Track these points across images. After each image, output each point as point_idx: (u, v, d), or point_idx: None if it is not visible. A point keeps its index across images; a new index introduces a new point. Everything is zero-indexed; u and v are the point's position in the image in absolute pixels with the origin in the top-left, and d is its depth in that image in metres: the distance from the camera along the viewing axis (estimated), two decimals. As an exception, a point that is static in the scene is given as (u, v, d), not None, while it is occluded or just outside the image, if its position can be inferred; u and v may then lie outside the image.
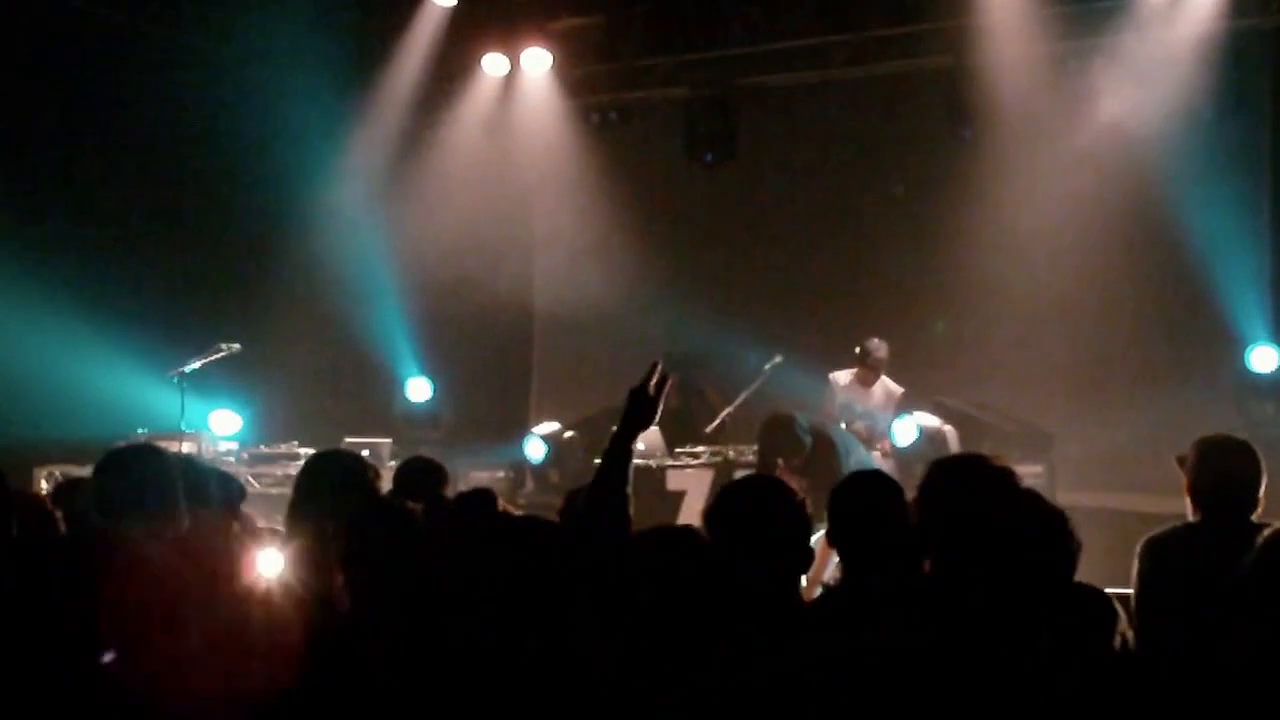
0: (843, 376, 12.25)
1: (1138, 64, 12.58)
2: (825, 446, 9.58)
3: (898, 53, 13.87)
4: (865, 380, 12.21)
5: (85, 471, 8.89)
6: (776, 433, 9.53)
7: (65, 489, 5.99)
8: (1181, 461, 5.41)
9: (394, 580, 4.30)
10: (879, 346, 12.13)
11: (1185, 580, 4.91)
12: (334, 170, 14.79)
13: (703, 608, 3.88)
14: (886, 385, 12.22)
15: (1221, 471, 5.29)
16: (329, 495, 5.04)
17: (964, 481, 4.41)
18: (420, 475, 6.10)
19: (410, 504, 4.73)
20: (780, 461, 9.36)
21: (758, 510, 4.33)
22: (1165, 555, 5.19)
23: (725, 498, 4.52)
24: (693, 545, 4.10)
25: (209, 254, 13.97)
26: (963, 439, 11.83)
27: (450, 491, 6.08)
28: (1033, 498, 4.20)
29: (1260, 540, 4.02)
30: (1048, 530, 4.00)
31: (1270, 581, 3.89)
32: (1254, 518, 5.15)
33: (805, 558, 4.36)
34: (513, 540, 4.21)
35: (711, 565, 4.00)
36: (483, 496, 5.62)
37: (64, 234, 12.96)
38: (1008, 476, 4.41)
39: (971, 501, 4.23)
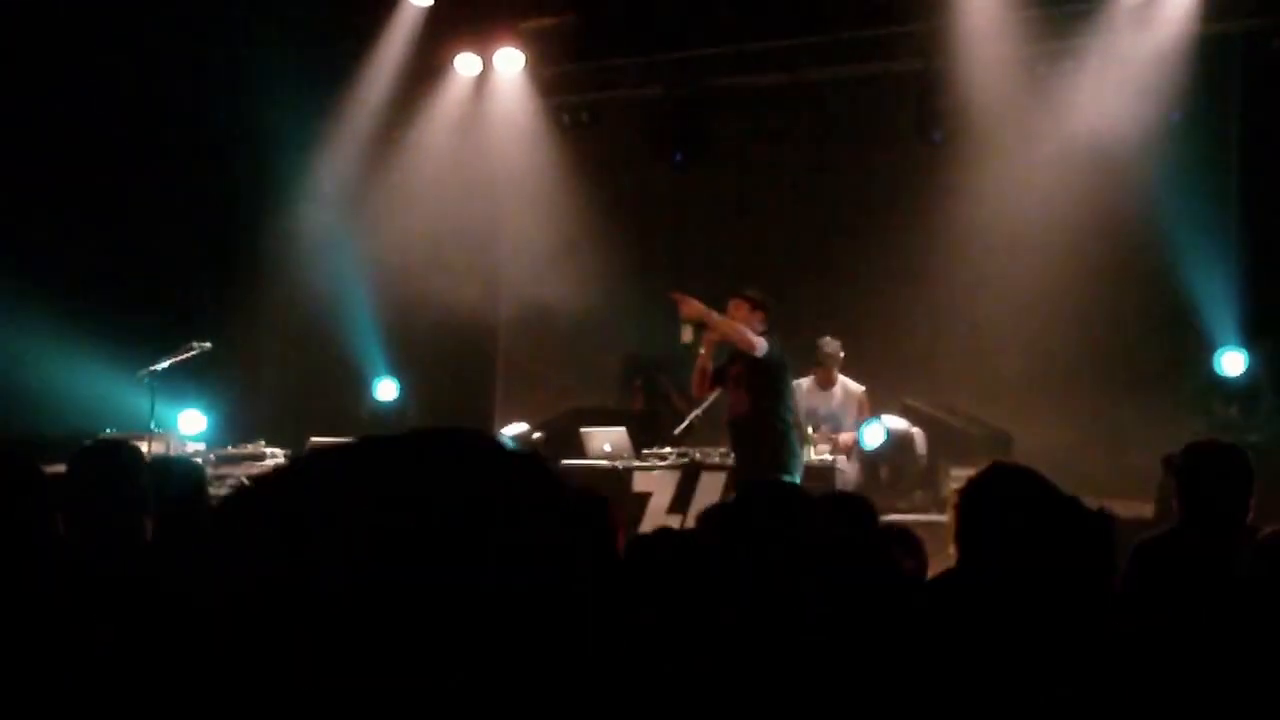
0: (804, 383, 12.25)
1: (1108, 68, 12.61)
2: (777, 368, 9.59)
3: (869, 55, 13.85)
4: (824, 382, 12.27)
5: (53, 470, 8.89)
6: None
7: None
8: (1168, 462, 5.41)
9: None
10: (828, 342, 12.19)
11: (1177, 584, 4.91)
12: (306, 170, 14.78)
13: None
14: (846, 385, 12.28)
15: (1216, 477, 5.30)
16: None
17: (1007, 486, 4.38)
18: None
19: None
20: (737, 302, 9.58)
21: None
22: (1155, 560, 5.18)
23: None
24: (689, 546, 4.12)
25: (179, 252, 13.92)
26: (928, 441, 11.87)
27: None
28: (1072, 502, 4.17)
29: (1259, 542, 4.03)
30: (1084, 533, 3.99)
31: (1271, 583, 3.90)
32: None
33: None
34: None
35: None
36: None
37: (32, 233, 12.92)
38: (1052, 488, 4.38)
39: (1011, 503, 4.21)
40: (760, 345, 9.45)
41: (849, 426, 12.09)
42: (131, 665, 3.73)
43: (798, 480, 9.42)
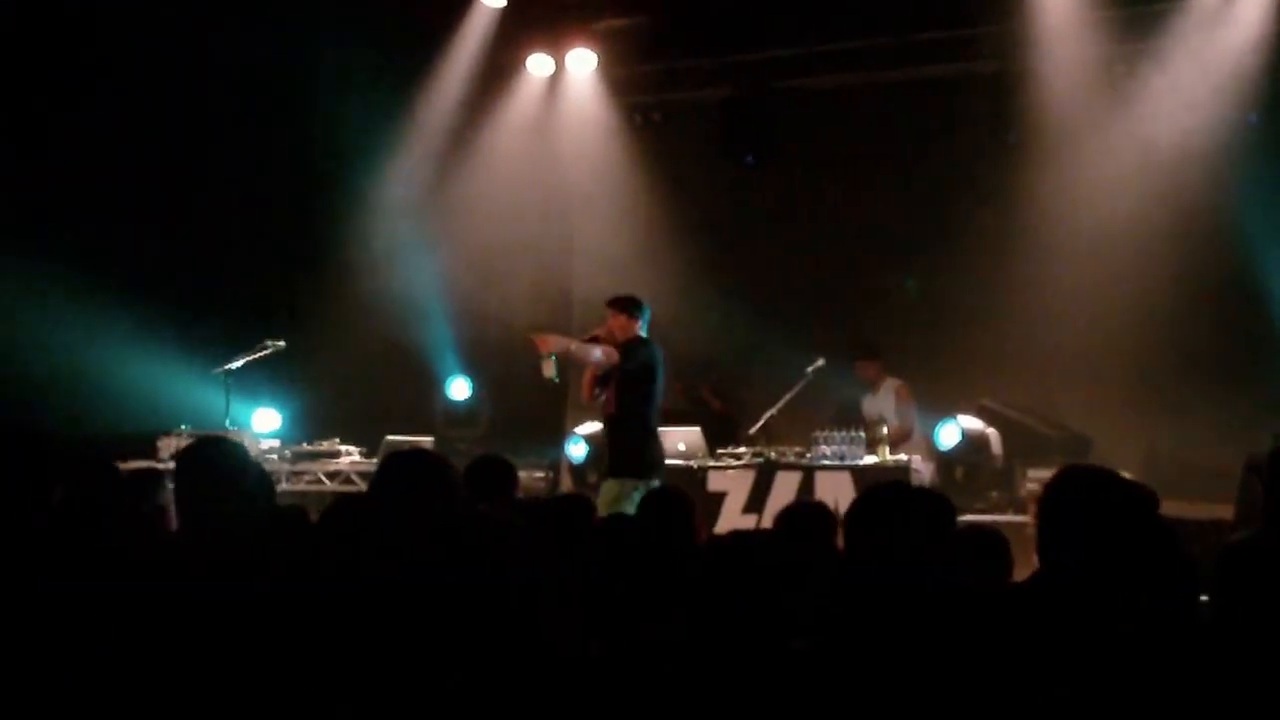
0: (866, 396, 12.80)
1: (1185, 68, 12.54)
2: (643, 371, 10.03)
3: (942, 56, 13.81)
4: (873, 387, 12.57)
5: (133, 466, 8.99)
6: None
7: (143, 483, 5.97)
8: (1251, 464, 5.39)
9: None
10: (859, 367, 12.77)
11: (1265, 588, 4.86)
12: (380, 170, 14.86)
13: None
14: (890, 384, 12.51)
15: None
16: (411, 494, 4.99)
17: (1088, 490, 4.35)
18: (492, 474, 6.14)
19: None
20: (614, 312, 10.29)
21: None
22: (1245, 564, 5.14)
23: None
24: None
25: (254, 252, 14.02)
26: (1004, 442, 11.83)
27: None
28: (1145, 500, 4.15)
29: None
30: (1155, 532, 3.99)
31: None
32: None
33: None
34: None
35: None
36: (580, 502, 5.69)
37: (111, 233, 13.04)
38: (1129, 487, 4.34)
39: (1087, 505, 4.18)
40: (614, 356, 9.94)
41: (892, 418, 12.23)
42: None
43: (656, 482, 9.70)
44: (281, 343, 12.30)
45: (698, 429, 12.20)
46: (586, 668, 3.85)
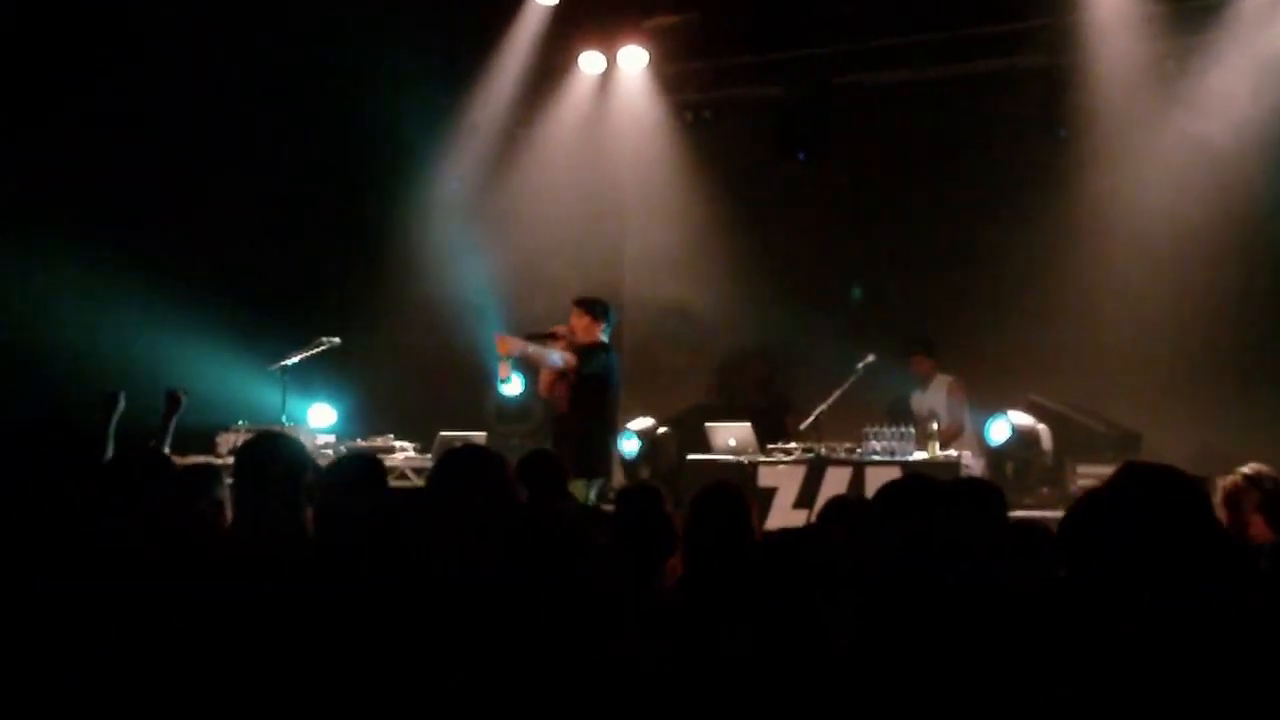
0: (915, 392, 12.81)
1: (1237, 64, 12.48)
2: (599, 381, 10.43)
3: (993, 51, 13.79)
4: (924, 383, 12.57)
5: (191, 461, 9.10)
6: None
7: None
8: None
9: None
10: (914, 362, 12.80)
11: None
12: (433, 167, 14.96)
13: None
14: (941, 379, 12.52)
15: None
16: (464, 490, 5.04)
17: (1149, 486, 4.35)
18: (542, 469, 6.24)
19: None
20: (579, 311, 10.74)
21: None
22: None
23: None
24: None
25: (310, 250, 14.15)
26: (1055, 438, 11.82)
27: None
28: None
29: None
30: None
31: None
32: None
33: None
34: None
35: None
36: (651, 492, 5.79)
37: (170, 230, 13.19)
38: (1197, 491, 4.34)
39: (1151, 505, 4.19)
40: (571, 361, 10.36)
41: (943, 414, 12.24)
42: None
43: (596, 483, 10.23)
44: (337, 339, 12.38)
45: (748, 424, 12.25)
46: (641, 667, 3.90)
